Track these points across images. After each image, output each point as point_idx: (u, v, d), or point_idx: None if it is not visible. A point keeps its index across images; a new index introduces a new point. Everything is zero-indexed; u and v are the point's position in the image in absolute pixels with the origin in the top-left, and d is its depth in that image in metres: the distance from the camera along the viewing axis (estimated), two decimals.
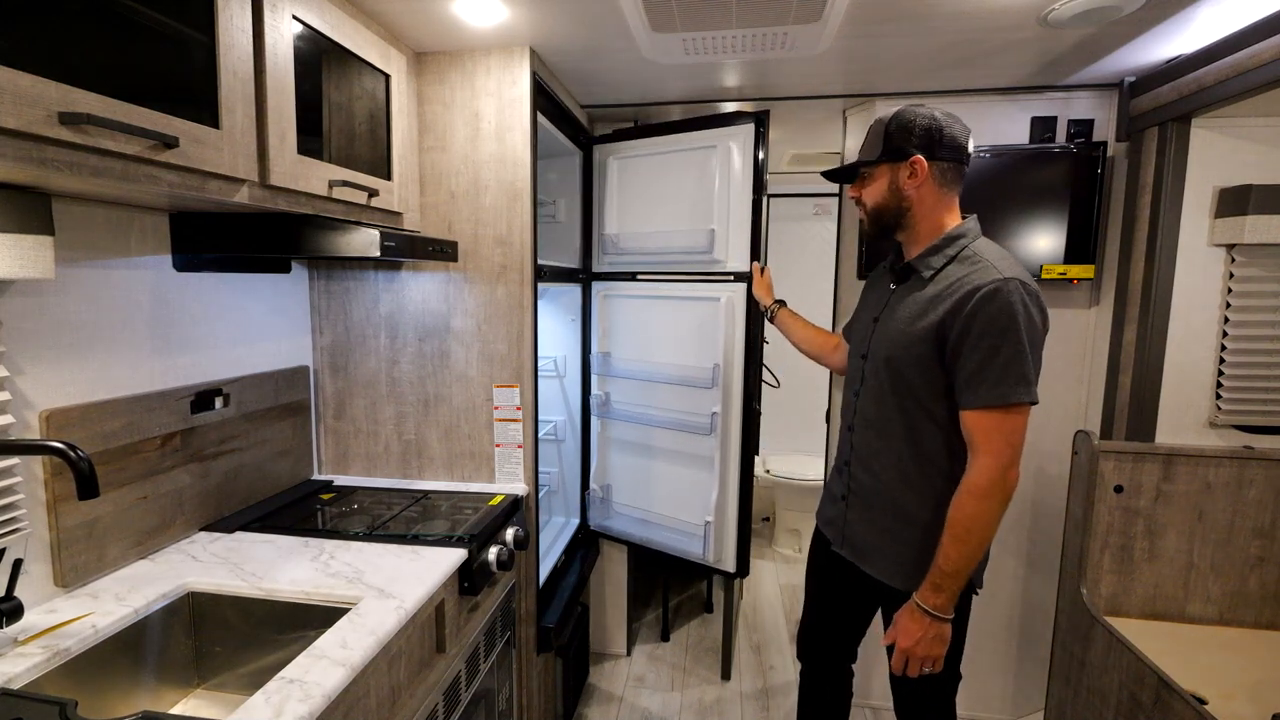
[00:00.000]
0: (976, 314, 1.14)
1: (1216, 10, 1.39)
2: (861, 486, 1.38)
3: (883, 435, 1.32)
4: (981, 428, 1.16)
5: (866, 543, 1.37)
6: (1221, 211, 1.70)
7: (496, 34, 1.57)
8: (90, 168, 0.82)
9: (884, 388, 1.31)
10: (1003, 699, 2.22)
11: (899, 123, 1.24)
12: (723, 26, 1.51)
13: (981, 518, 1.16)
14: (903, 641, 1.24)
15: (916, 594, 1.23)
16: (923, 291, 1.26)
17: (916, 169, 1.23)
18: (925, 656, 1.23)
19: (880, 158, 1.26)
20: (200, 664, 1.19)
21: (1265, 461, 1.67)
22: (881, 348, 1.31)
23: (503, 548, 1.49)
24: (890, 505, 1.32)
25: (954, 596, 1.20)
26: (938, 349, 1.20)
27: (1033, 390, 1.14)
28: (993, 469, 1.15)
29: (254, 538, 1.39)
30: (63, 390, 1.11)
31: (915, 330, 1.23)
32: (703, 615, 2.99)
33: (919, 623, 1.22)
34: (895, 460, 1.31)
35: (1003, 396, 1.13)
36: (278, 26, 1.11)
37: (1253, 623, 1.72)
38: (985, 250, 1.24)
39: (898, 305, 1.31)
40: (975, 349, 1.14)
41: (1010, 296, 1.13)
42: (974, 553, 1.17)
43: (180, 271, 1.35)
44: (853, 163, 1.34)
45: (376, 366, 1.80)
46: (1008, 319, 1.12)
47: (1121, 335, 1.86)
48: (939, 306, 1.20)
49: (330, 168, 1.27)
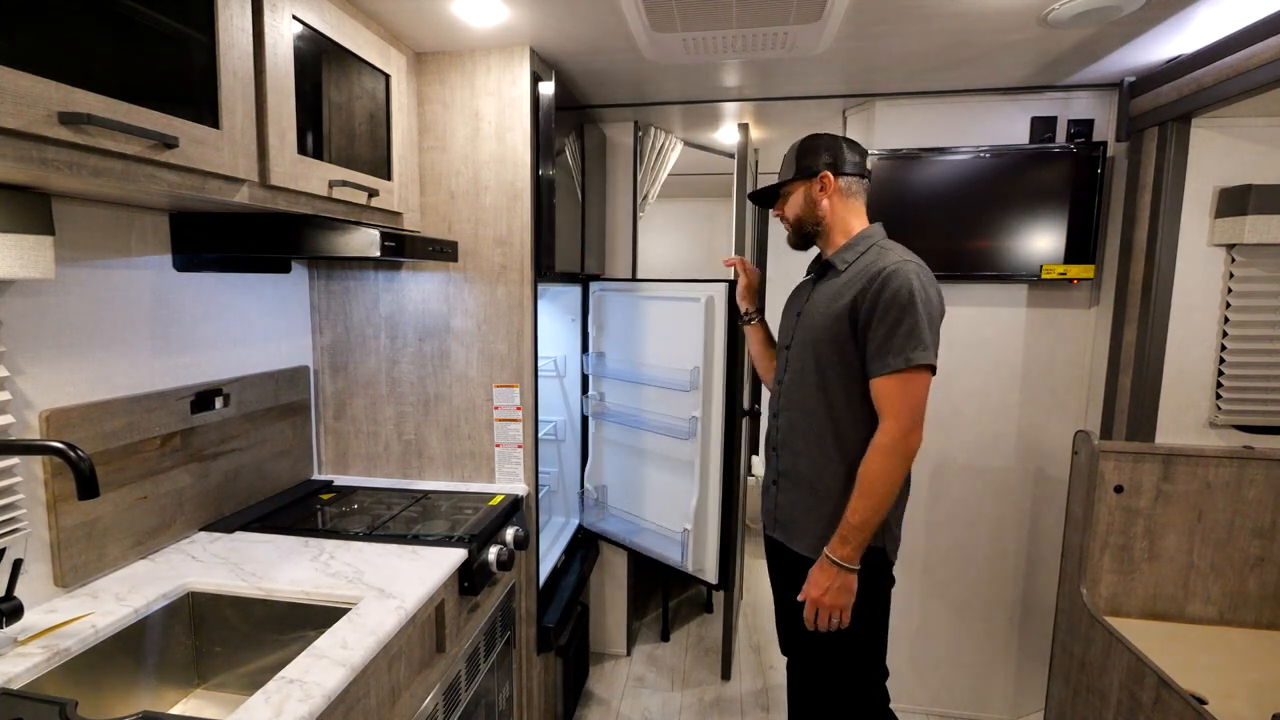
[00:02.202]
0: (881, 291, 1.28)
1: (1216, 10, 1.39)
2: (787, 468, 1.47)
3: (805, 414, 1.42)
4: (887, 392, 1.28)
5: (792, 520, 1.47)
6: (1221, 211, 1.70)
7: (496, 34, 1.57)
8: (90, 168, 0.82)
9: (805, 370, 1.42)
10: (1003, 699, 2.22)
11: (806, 146, 1.43)
12: (723, 26, 1.51)
13: (885, 474, 1.27)
14: (811, 591, 1.34)
15: (826, 548, 1.33)
16: (838, 280, 1.40)
17: (825, 182, 1.41)
18: (833, 606, 1.32)
19: (795, 176, 1.44)
20: (200, 664, 1.19)
21: (1265, 461, 1.67)
22: (804, 334, 1.44)
23: (503, 548, 1.49)
24: (811, 480, 1.42)
25: (860, 548, 1.30)
26: (851, 325, 1.33)
27: (930, 354, 1.27)
28: (895, 430, 1.27)
29: (254, 538, 1.39)
30: (63, 390, 1.11)
31: (832, 311, 1.36)
32: (703, 615, 2.99)
33: (827, 573, 1.32)
34: (816, 438, 1.40)
35: (906, 360, 1.26)
36: (278, 26, 1.11)
37: (1253, 623, 1.72)
38: (891, 245, 1.40)
39: (817, 297, 1.44)
40: (881, 322, 1.28)
41: (909, 276, 1.28)
42: (878, 506, 1.28)
43: (180, 271, 1.35)
44: (773, 185, 1.50)
45: (376, 366, 1.80)
46: (908, 294, 1.26)
47: (1121, 335, 1.86)
48: (851, 289, 1.34)
49: (330, 168, 1.27)
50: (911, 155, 1.99)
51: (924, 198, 1.99)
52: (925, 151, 1.98)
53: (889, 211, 2.02)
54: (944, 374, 1.88)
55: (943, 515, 2.17)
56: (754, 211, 2.92)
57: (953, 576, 2.19)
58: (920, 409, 1.29)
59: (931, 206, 1.99)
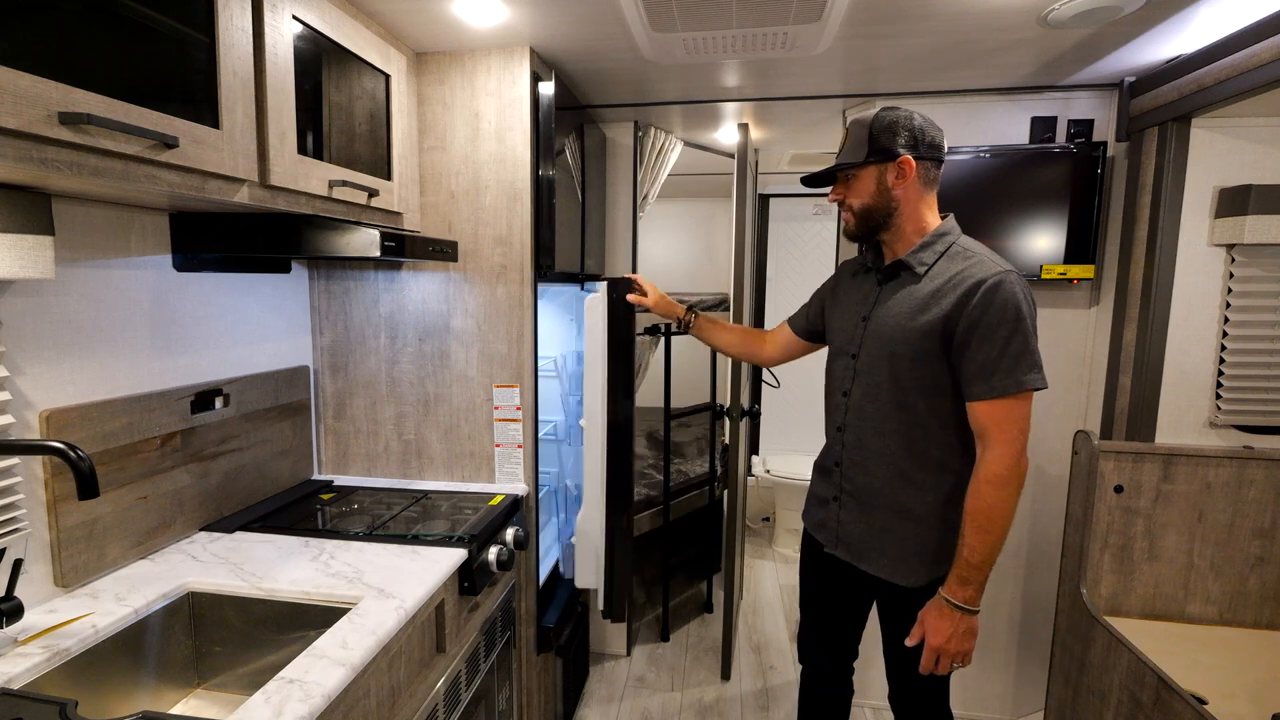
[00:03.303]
0: (987, 306, 1.15)
1: (1216, 10, 1.39)
2: (856, 487, 1.37)
3: (880, 433, 1.31)
4: (995, 417, 1.17)
5: (864, 542, 1.36)
6: (1221, 211, 1.70)
7: (496, 34, 1.57)
8: (90, 168, 0.82)
9: (880, 386, 1.30)
10: (1003, 699, 2.22)
11: (882, 124, 1.25)
12: (723, 26, 1.51)
13: (1001, 506, 1.16)
14: (934, 640, 1.22)
15: (943, 589, 1.22)
16: (917, 287, 1.26)
17: (904, 169, 1.24)
18: (958, 652, 1.22)
19: (867, 159, 1.26)
20: (200, 664, 1.19)
21: (1265, 461, 1.67)
22: (878, 345, 1.30)
23: (503, 548, 1.49)
24: (888, 503, 1.32)
25: (981, 588, 1.20)
26: (944, 342, 1.21)
27: (1043, 377, 1.17)
28: (1008, 457, 1.16)
29: (254, 538, 1.39)
30: (63, 390, 1.11)
31: (919, 325, 1.23)
32: (703, 615, 2.99)
33: (949, 619, 1.21)
34: (893, 458, 1.30)
35: (1019, 384, 1.15)
36: (278, 26, 1.11)
37: (1253, 623, 1.72)
38: (974, 246, 1.27)
39: (890, 303, 1.30)
40: (987, 339, 1.16)
41: (1014, 288, 1.16)
42: (997, 542, 1.17)
43: (180, 271, 1.35)
44: (836, 165, 1.32)
45: (376, 366, 1.80)
46: (1015, 309, 1.15)
47: (1121, 335, 1.86)
48: (942, 300, 1.21)
49: (330, 168, 1.27)
50: None
51: None
52: None
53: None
54: None
55: None
56: (754, 211, 2.92)
57: None
58: (1028, 431, 1.18)
59: None
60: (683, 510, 2.94)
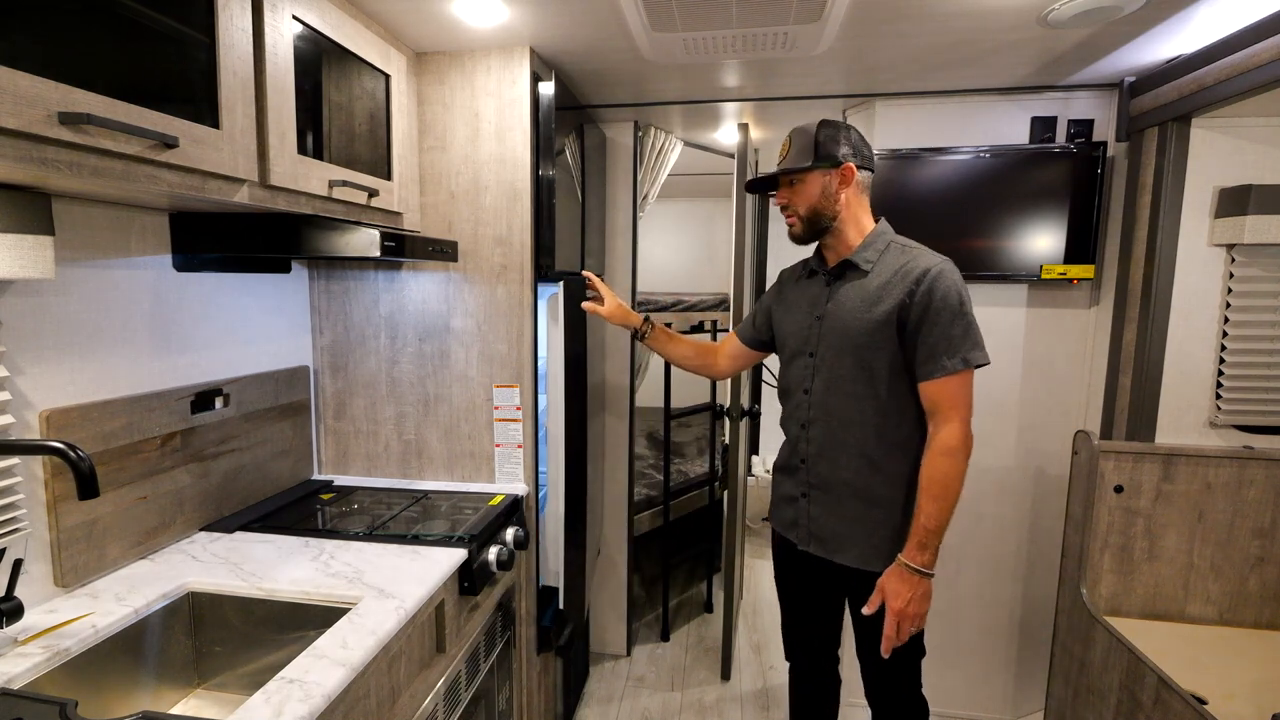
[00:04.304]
0: (932, 291, 1.26)
1: (1216, 10, 1.39)
2: (824, 481, 1.41)
3: (846, 424, 1.37)
4: (947, 393, 1.27)
5: (836, 534, 1.41)
6: (1221, 211, 1.70)
7: (496, 34, 1.57)
8: (90, 168, 0.82)
9: (843, 378, 1.36)
10: (1003, 699, 2.22)
11: (825, 133, 1.34)
12: (723, 26, 1.51)
13: (953, 474, 1.26)
14: (894, 603, 1.29)
15: (902, 555, 1.29)
16: (866, 282, 1.35)
17: (847, 174, 1.34)
18: (916, 614, 1.29)
19: (814, 164, 1.34)
20: (200, 664, 1.19)
21: (1265, 461, 1.67)
22: (837, 340, 1.37)
23: (503, 548, 1.49)
24: (856, 492, 1.37)
25: (936, 553, 1.28)
26: (899, 329, 1.30)
27: (985, 354, 1.28)
28: (959, 430, 1.27)
29: (254, 538, 1.39)
30: (63, 390, 1.11)
31: (875, 315, 1.31)
32: (703, 615, 2.99)
33: (908, 582, 1.28)
34: (861, 447, 1.36)
35: (965, 361, 1.26)
36: (278, 27, 1.11)
37: (1253, 623, 1.72)
38: (909, 241, 1.38)
39: (843, 300, 1.38)
40: (934, 324, 1.26)
41: (954, 275, 1.28)
42: (950, 508, 1.26)
43: (180, 271, 1.35)
44: (783, 170, 1.39)
45: (376, 366, 1.80)
46: (957, 294, 1.27)
47: (1121, 335, 1.86)
48: (893, 291, 1.30)
49: (330, 168, 1.27)
50: (912, 155, 1.99)
51: (924, 198, 1.99)
52: (925, 151, 1.98)
53: (889, 211, 2.02)
54: None
55: None
56: (754, 211, 2.92)
57: (953, 576, 2.19)
58: (972, 407, 1.29)
59: (932, 206, 1.99)
60: (683, 510, 2.94)
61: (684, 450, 3.49)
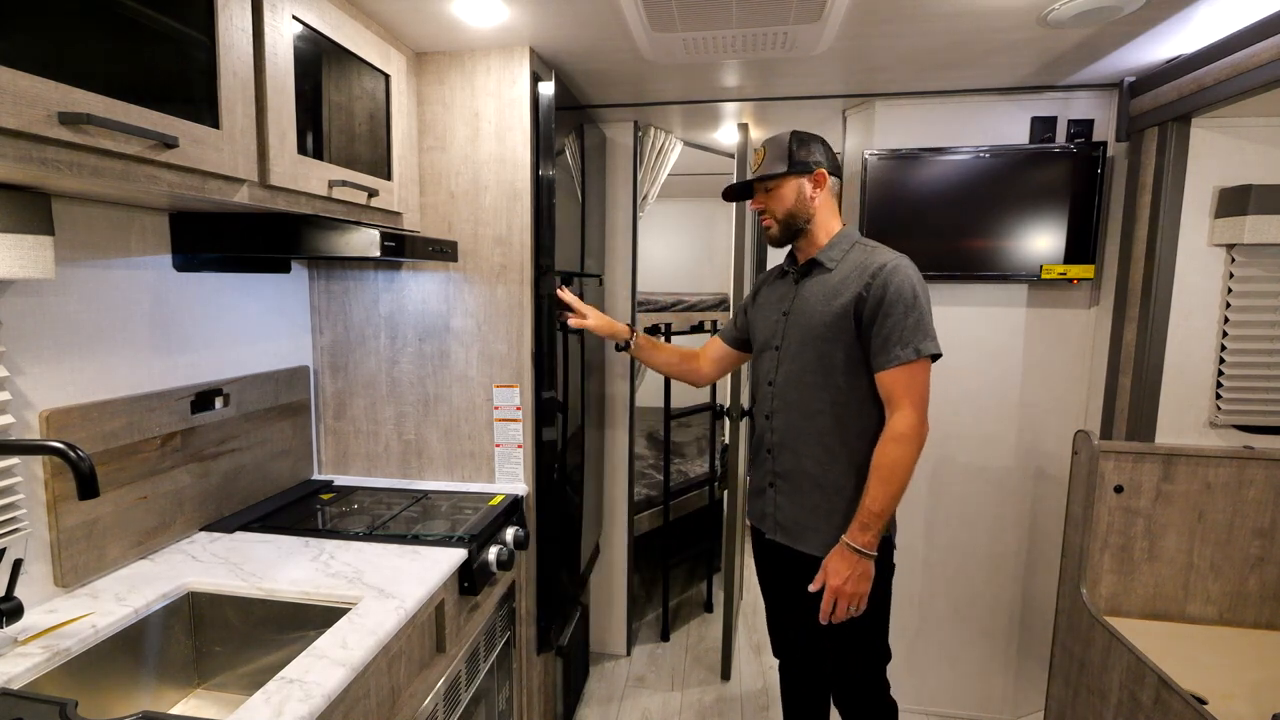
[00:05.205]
0: (887, 284, 1.31)
1: (1216, 10, 1.39)
2: (787, 469, 1.46)
3: (805, 415, 1.42)
4: (900, 382, 1.31)
5: (798, 523, 1.45)
6: (1221, 211, 1.70)
7: (496, 34, 1.57)
8: (90, 168, 0.82)
9: (804, 370, 1.42)
10: (1003, 699, 2.22)
11: (800, 141, 1.42)
12: (723, 26, 1.51)
13: (903, 460, 1.30)
14: (833, 580, 1.34)
15: (845, 535, 1.34)
16: (829, 277, 1.41)
17: (820, 180, 1.42)
18: (853, 593, 1.33)
19: (789, 170, 1.41)
20: (200, 664, 1.19)
21: (1265, 461, 1.67)
22: (799, 333, 1.43)
23: (503, 548, 1.49)
24: (818, 482, 1.42)
25: (878, 535, 1.33)
26: (855, 321, 1.35)
27: (937, 344, 1.32)
28: (913, 418, 1.31)
29: (254, 538, 1.39)
30: (63, 390, 1.11)
31: (834, 308, 1.37)
32: (703, 615, 2.99)
33: (847, 560, 1.33)
34: (818, 437, 1.41)
35: (916, 351, 1.30)
36: (278, 27, 1.11)
37: (1253, 623, 1.72)
38: (872, 243, 1.44)
39: (807, 295, 1.44)
40: (888, 316, 1.31)
41: (908, 270, 1.33)
42: (897, 493, 1.31)
43: (180, 271, 1.35)
44: (760, 176, 1.46)
45: (376, 366, 1.80)
46: (911, 288, 1.31)
47: (1121, 335, 1.86)
48: (850, 285, 1.36)
49: (330, 168, 1.27)
50: (911, 155, 1.99)
51: (924, 198, 1.99)
52: (925, 151, 1.98)
53: (889, 211, 2.03)
54: (944, 374, 1.89)
55: (942, 515, 2.17)
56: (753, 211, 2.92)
57: (952, 576, 2.19)
58: (928, 397, 1.33)
59: (931, 206, 1.99)
60: (683, 510, 2.94)
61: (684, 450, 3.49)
